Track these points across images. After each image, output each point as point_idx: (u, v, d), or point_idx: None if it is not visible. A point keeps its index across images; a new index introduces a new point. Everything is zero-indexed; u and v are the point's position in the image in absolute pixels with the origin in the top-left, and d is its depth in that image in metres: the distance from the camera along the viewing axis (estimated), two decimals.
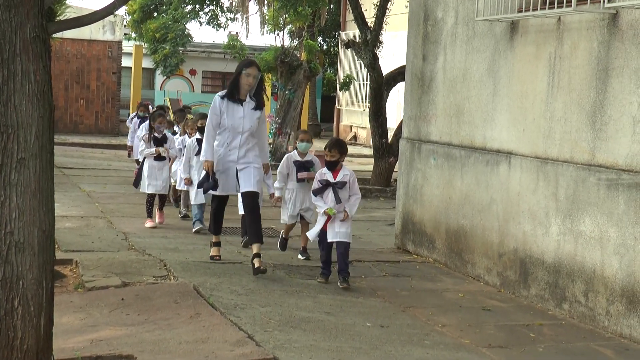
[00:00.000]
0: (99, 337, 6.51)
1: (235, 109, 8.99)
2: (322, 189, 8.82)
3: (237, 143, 9.01)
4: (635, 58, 7.33)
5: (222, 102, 8.99)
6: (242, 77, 8.94)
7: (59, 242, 9.49)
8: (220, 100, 9.02)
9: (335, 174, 8.82)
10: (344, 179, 8.80)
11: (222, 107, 8.98)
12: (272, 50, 21.62)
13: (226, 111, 8.97)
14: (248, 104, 9.01)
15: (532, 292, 8.51)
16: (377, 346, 6.65)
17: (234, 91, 9.00)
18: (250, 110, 9.02)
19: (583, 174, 7.87)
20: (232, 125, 8.97)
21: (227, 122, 8.97)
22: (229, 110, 8.97)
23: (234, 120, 8.97)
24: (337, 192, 8.73)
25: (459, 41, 10.03)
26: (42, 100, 4.80)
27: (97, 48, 29.12)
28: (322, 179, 8.84)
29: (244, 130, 8.99)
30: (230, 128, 8.99)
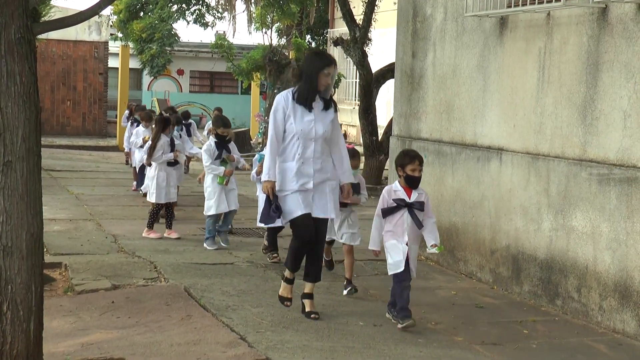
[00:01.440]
0: (89, 341, 6.49)
1: (304, 111, 7.36)
2: (392, 210, 7.36)
3: (310, 153, 7.35)
4: (625, 52, 7.34)
5: (287, 104, 7.37)
6: (321, 77, 7.33)
7: (48, 245, 9.47)
8: (284, 101, 7.38)
9: (409, 192, 7.36)
10: (420, 198, 7.38)
11: (288, 109, 7.35)
12: (260, 48, 21.61)
13: (293, 114, 7.35)
14: (317, 103, 7.42)
15: (525, 289, 8.50)
16: (370, 345, 6.65)
17: (310, 94, 7.34)
18: (321, 112, 7.42)
19: (574, 169, 7.87)
20: (301, 130, 7.32)
21: (296, 127, 7.31)
22: (297, 113, 7.35)
23: (303, 124, 7.33)
24: (415, 214, 7.32)
25: (448, 37, 10.02)
26: (29, 102, 4.79)
27: (83, 49, 29.03)
28: (395, 197, 7.36)
29: (316, 137, 7.34)
30: (299, 135, 7.32)
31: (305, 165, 7.32)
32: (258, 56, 21.31)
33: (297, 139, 7.32)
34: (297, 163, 7.29)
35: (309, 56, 7.57)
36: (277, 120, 7.34)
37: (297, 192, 7.27)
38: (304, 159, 7.32)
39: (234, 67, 22.26)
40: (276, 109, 7.38)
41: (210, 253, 10.06)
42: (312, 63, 7.43)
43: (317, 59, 7.49)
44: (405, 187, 7.33)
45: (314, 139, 7.33)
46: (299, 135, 7.31)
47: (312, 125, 7.33)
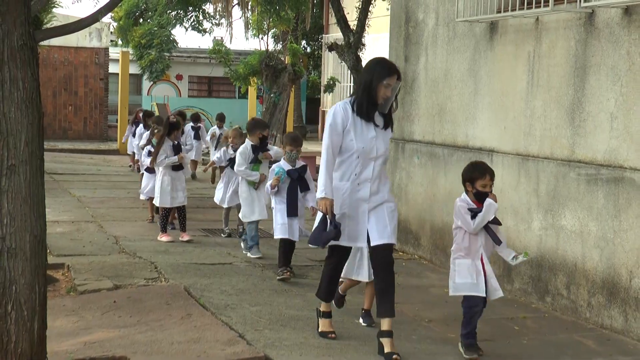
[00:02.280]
0: (92, 340, 6.57)
1: (365, 127, 6.49)
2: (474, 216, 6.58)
3: (369, 173, 6.51)
4: (612, 55, 7.48)
5: (347, 116, 6.47)
6: (381, 88, 6.45)
7: (51, 246, 9.56)
8: (343, 112, 6.48)
9: (479, 207, 6.59)
10: None
11: (348, 122, 6.47)
12: (257, 54, 21.74)
13: (353, 129, 6.47)
14: (377, 118, 6.55)
15: (516, 286, 8.65)
16: (365, 342, 6.75)
17: (369, 106, 6.48)
18: (382, 130, 6.58)
19: (563, 169, 8.02)
20: (363, 148, 6.46)
21: (357, 144, 6.45)
22: (357, 128, 6.48)
23: (364, 141, 6.48)
24: (492, 230, 6.64)
25: (440, 42, 10.17)
26: (31, 107, 4.86)
27: (84, 55, 29.17)
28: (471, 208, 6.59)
29: (377, 155, 6.52)
30: (360, 153, 6.48)
31: (361, 187, 6.53)
32: (255, 61, 21.43)
33: (357, 157, 6.47)
34: (352, 184, 6.51)
35: (370, 64, 6.62)
36: (335, 133, 6.45)
37: (346, 217, 6.53)
38: (360, 180, 6.52)
39: (232, 72, 22.39)
40: (334, 122, 6.45)
41: (209, 253, 10.15)
42: (372, 71, 6.51)
43: (377, 67, 6.54)
44: (475, 201, 6.60)
45: (374, 158, 6.51)
46: (360, 153, 6.46)
47: (374, 143, 6.49)
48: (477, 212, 6.51)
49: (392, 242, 6.55)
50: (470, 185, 6.63)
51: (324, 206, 6.40)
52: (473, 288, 6.55)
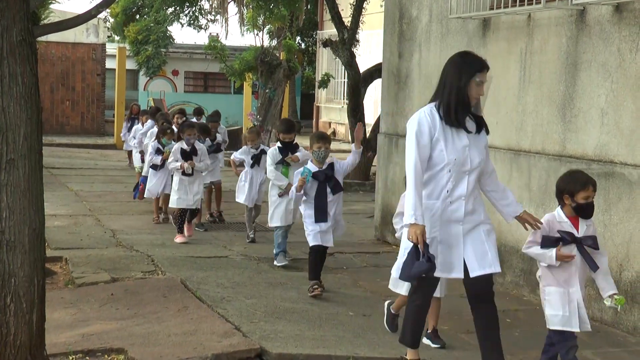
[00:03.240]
0: (90, 332, 6.64)
1: (456, 135, 5.52)
2: (555, 242, 5.69)
3: (463, 190, 5.55)
4: (602, 52, 7.57)
5: (435, 124, 5.51)
6: (472, 87, 5.53)
7: (49, 240, 9.62)
8: (429, 119, 5.52)
9: (576, 223, 5.72)
10: (590, 231, 5.77)
11: (436, 131, 5.50)
12: (252, 50, 21.80)
13: (442, 138, 5.50)
14: (468, 123, 5.59)
15: (508, 279, 8.74)
16: (360, 334, 6.83)
17: (459, 111, 5.52)
18: (474, 135, 5.61)
19: (554, 164, 8.11)
20: (455, 160, 5.49)
21: (448, 156, 5.49)
22: (447, 137, 5.51)
23: (456, 151, 5.51)
24: (587, 253, 5.72)
25: (433, 38, 10.25)
26: (30, 102, 4.93)
27: (82, 50, 29.22)
28: (561, 229, 5.70)
29: (472, 168, 5.55)
30: (451, 165, 5.51)
31: (455, 205, 5.56)
32: (250, 57, 21.49)
33: (449, 171, 5.50)
34: (444, 202, 5.54)
35: (454, 60, 5.68)
36: (422, 144, 5.48)
37: (437, 243, 5.54)
38: (453, 197, 5.55)
39: (227, 68, 22.46)
40: (420, 131, 5.49)
41: (205, 247, 10.25)
42: (458, 68, 5.58)
43: (464, 62, 5.62)
44: (571, 217, 5.72)
45: (468, 171, 5.54)
46: (452, 166, 5.49)
47: (467, 153, 5.53)
48: (567, 239, 5.63)
49: (496, 270, 5.65)
50: (570, 198, 5.67)
51: (414, 235, 5.33)
52: (566, 322, 5.75)
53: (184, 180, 10.70)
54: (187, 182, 10.70)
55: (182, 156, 10.69)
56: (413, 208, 5.37)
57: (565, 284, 5.71)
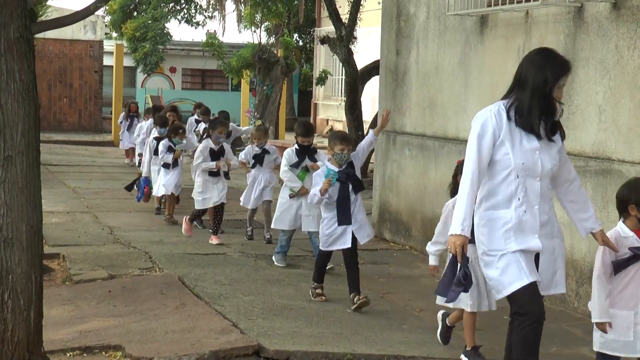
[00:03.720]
0: (87, 329, 6.65)
1: (525, 137, 5.01)
2: (625, 263, 5.26)
3: (534, 198, 5.02)
4: (600, 49, 7.59)
5: (501, 124, 5.01)
6: (555, 91, 5.06)
7: (46, 237, 9.57)
8: (495, 120, 5.02)
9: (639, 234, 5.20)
10: None
11: (502, 132, 4.99)
12: (250, 47, 21.81)
13: (508, 140, 4.98)
14: (542, 128, 5.07)
15: None
16: (357, 331, 6.83)
17: (543, 114, 5.02)
18: (546, 140, 5.09)
19: None
20: (523, 165, 4.97)
21: (514, 160, 4.97)
22: (514, 139, 4.99)
23: (524, 155, 4.98)
24: None
25: (431, 35, 10.26)
26: (28, 99, 4.93)
27: (79, 47, 29.20)
28: (630, 245, 5.21)
29: (543, 174, 5.03)
30: (519, 170, 4.98)
31: (528, 215, 5.01)
32: (247, 54, 21.50)
33: (516, 177, 4.98)
34: (517, 212, 4.98)
35: (538, 59, 5.11)
36: (483, 146, 4.98)
37: (517, 252, 4.96)
38: (525, 206, 5.00)
39: (225, 65, 22.46)
40: (483, 131, 4.99)
41: (203, 244, 10.24)
42: (543, 69, 5.03)
43: (550, 63, 5.07)
44: (637, 230, 5.26)
45: (539, 176, 5.01)
46: (519, 170, 4.97)
47: (537, 157, 5.01)
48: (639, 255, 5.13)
49: (561, 291, 5.27)
50: (636, 208, 5.20)
51: (453, 246, 4.85)
52: (629, 348, 5.23)
53: (209, 180, 10.46)
54: (212, 182, 10.48)
55: (211, 156, 10.43)
56: (463, 218, 4.86)
57: (635, 306, 5.19)
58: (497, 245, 4.99)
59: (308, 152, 9.15)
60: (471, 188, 4.94)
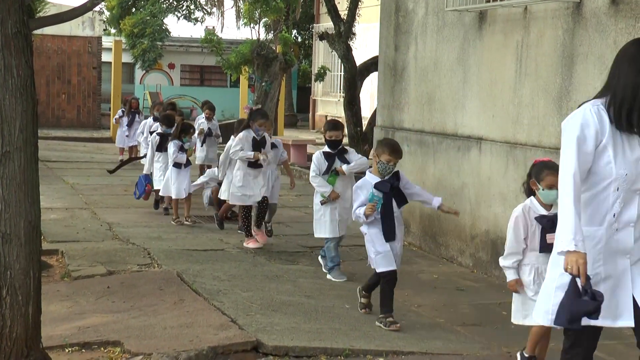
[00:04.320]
0: (86, 324, 6.65)
1: (627, 143, 4.35)
2: None
3: (633, 214, 4.37)
4: (599, 45, 7.58)
5: (603, 127, 4.33)
6: None
7: (45, 233, 9.60)
8: (597, 121, 4.33)
9: None
10: None
11: (604, 136, 4.32)
12: (249, 43, 21.81)
13: (611, 146, 4.32)
14: None
15: (504, 272, 8.74)
16: (356, 327, 6.84)
17: (632, 110, 4.32)
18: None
19: (551, 157, 8.05)
20: (625, 176, 4.34)
21: (616, 170, 4.32)
22: (617, 145, 4.33)
23: (627, 165, 4.35)
24: None
25: (429, 31, 10.26)
26: (25, 95, 4.92)
27: (77, 44, 29.19)
28: None
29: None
30: (620, 182, 4.34)
31: (621, 233, 4.37)
32: (246, 50, 21.49)
33: (616, 190, 4.33)
34: (609, 230, 4.35)
35: (630, 51, 4.45)
36: (584, 152, 4.30)
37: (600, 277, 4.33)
38: (620, 223, 4.36)
39: (223, 61, 22.46)
40: (584, 135, 4.30)
41: (201, 240, 10.24)
42: (636, 61, 4.37)
43: None
44: None
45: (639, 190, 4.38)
46: (620, 182, 4.33)
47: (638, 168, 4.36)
48: None
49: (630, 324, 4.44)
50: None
51: (574, 264, 4.13)
52: None
53: (249, 174, 9.80)
54: (252, 175, 9.81)
55: (253, 147, 9.73)
56: (573, 231, 4.16)
57: None
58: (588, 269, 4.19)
59: (338, 153, 8.68)
60: (575, 198, 4.22)
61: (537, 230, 5.71)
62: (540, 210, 5.73)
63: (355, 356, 6.12)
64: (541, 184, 5.69)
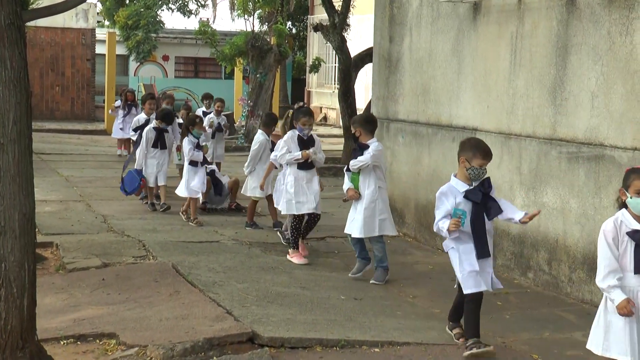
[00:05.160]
0: (81, 317, 6.66)
1: None
2: None
3: None
4: (593, 35, 7.59)
5: None
6: None
7: (39, 225, 9.60)
8: None
9: None
10: None
11: None
12: (243, 35, 21.79)
13: None
14: None
15: (499, 262, 8.78)
16: (351, 318, 6.86)
17: None
18: None
19: (545, 148, 8.14)
20: None
21: None
22: None
23: None
24: None
25: (424, 22, 10.25)
26: (19, 87, 4.91)
27: (71, 36, 29.11)
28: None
29: None
30: None
31: None
32: (241, 42, 21.47)
33: None
34: None
35: None
36: None
37: None
38: None
39: (218, 53, 22.45)
40: None
41: (196, 232, 10.26)
42: None
43: None
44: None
45: None
46: None
47: None
48: None
49: None
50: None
51: None
52: None
53: (301, 178, 8.85)
54: (305, 179, 8.87)
55: (300, 144, 8.90)
56: None
57: None
58: None
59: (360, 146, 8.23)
60: None
61: (630, 248, 5.05)
62: (632, 224, 5.06)
63: (350, 347, 6.14)
64: (629, 191, 5.07)
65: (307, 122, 8.93)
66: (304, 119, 8.92)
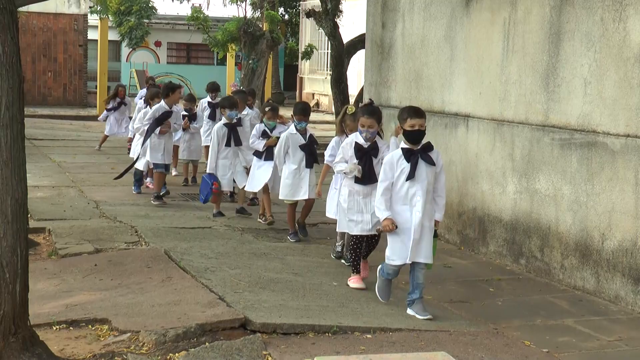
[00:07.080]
0: (73, 302, 6.66)
1: None
2: None
3: None
4: (586, 22, 7.58)
5: None
6: None
7: (32, 211, 9.59)
8: None
9: None
10: None
11: None
12: (235, 21, 21.75)
13: None
14: None
15: (491, 249, 8.80)
16: (343, 304, 6.85)
17: None
18: None
19: (537, 134, 8.14)
20: None
21: None
22: None
23: None
24: None
25: (416, 8, 10.23)
26: (11, 72, 4.88)
27: (63, 21, 29.03)
28: None
29: None
30: None
31: None
32: (233, 28, 21.43)
33: None
34: None
35: None
36: None
37: None
38: None
39: (210, 39, 22.40)
40: None
41: (189, 217, 10.26)
42: None
43: None
44: None
45: None
46: None
47: None
48: None
49: None
50: None
51: None
52: None
53: (357, 192, 7.45)
54: (362, 194, 7.42)
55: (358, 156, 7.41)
56: None
57: None
58: None
59: None
60: None
61: None
62: None
63: (343, 333, 6.13)
64: None
65: (372, 124, 7.34)
66: (363, 118, 7.34)
